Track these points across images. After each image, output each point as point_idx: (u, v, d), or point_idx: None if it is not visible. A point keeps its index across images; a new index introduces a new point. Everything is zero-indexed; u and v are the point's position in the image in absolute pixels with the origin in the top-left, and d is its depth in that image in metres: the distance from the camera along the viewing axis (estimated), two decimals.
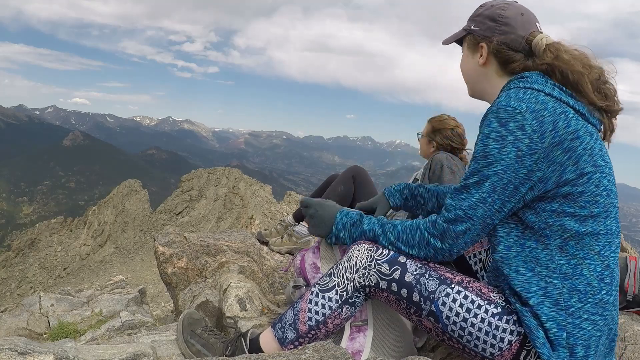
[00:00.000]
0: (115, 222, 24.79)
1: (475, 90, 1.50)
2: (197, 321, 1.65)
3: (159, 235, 2.50)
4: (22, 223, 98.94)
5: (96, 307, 1.83)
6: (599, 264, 1.22)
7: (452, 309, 1.26)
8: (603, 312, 1.21)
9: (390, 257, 1.35)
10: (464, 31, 1.47)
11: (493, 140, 1.21)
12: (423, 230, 1.32)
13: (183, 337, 1.61)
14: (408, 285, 1.31)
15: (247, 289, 1.99)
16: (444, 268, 1.35)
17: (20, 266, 23.45)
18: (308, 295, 1.44)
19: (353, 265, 1.38)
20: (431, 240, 1.31)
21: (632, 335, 1.75)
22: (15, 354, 1.20)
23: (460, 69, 1.52)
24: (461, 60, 1.51)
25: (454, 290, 1.28)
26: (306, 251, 1.75)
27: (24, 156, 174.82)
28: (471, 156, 1.32)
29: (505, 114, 1.21)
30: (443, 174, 2.71)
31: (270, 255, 2.69)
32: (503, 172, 1.21)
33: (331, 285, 1.41)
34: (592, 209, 1.21)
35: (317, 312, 1.41)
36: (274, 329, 1.48)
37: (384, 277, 1.34)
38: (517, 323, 1.23)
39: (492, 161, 1.21)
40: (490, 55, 1.40)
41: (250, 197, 21.79)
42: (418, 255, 1.33)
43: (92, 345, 1.57)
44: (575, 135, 1.19)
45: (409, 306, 1.32)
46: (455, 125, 2.97)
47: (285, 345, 1.45)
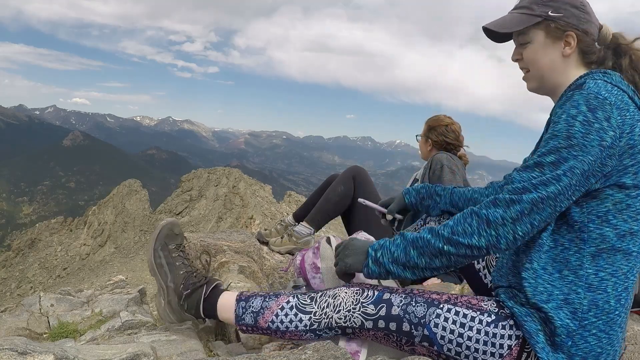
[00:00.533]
0: (115, 222, 24.79)
1: (547, 84, 1.37)
2: (176, 236, 1.63)
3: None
4: (22, 223, 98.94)
5: (96, 307, 1.83)
6: (621, 284, 1.19)
7: (445, 328, 1.24)
8: (609, 331, 1.19)
9: (375, 298, 1.32)
10: (537, 17, 1.31)
11: (580, 123, 1.14)
12: (480, 212, 1.18)
13: (154, 244, 1.59)
14: (396, 318, 1.28)
15: (247, 289, 1.99)
16: (429, 292, 1.32)
17: (20, 266, 23.45)
18: (283, 301, 1.42)
19: (337, 304, 1.35)
20: (491, 218, 1.16)
21: (632, 335, 1.75)
22: (15, 354, 1.20)
23: (531, 60, 1.36)
24: (533, 50, 1.34)
25: (444, 310, 1.25)
26: (306, 251, 1.75)
27: (24, 156, 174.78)
28: (544, 136, 1.23)
29: (595, 101, 1.15)
30: (443, 173, 2.71)
31: (270, 255, 2.69)
32: (583, 158, 1.14)
33: (308, 310, 1.38)
34: (632, 226, 1.18)
35: (282, 322, 1.40)
36: (237, 304, 1.47)
37: (369, 317, 1.31)
38: (514, 327, 1.21)
39: (574, 144, 1.14)
40: (576, 45, 1.31)
41: (250, 197, 21.79)
42: (479, 245, 1.17)
43: (92, 345, 1.57)
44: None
45: (399, 338, 1.29)
46: (450, 123, 2.99)
47: (238, 323, 1.46)
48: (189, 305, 1.53)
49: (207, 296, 1.52)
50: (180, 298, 1.54)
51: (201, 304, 1.51)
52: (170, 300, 1.55)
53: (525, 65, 1.38)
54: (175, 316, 1.56)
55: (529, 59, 1.36)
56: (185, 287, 1.54)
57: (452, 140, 2.94)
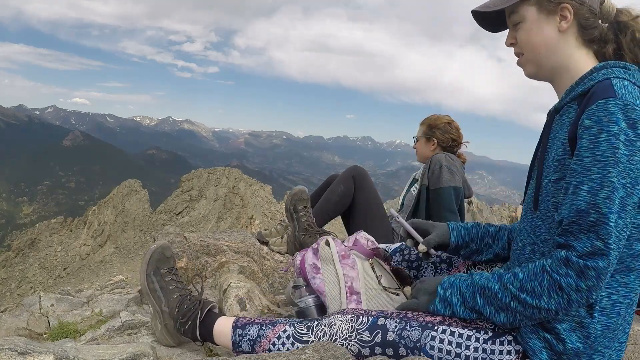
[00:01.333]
0: (115, 222, 24.79)
1: (545, 66, 1.25)
2: (167, 260, 1.62)
3: (159, 235, 2.50)
4: (22, 223, 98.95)
5: (96, 307, 1.83)
6: (631, 309, 1.16)
7: (441, 350, 1.21)
8: (611, 345, 1.16)
9: (370, 324, 1.30)
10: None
11: (622, 144, 1.02)
12: (552, 273, 1.06)
13: (147, 269, 1.58)
14: (392, 344, 1.26)
15: (247, 289, 1.99)
16: (423, 314, 1.28)
17: (20, 266, 23.45)
18: (280, 329, 1.40)
19: (333, 333, 1.32)
20: (564, 284, 1.04)
21: (632, 335, 1.75)
22: (15, 354, 1.20)
23: (525, 41, 1.25)
24: (526, 29, 1.23)
25: (439, 331, 1.22)
26: (306, 251, 1.75)
27: (24, 156, 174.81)
28: (577, 150, 1.07)
29: (634, 114, 1.03)
30: (442, 174, 2.71)
31: (270, 255, 2.69)
32: (632, 187, 1.02)
33: (305, 339, 1.36)
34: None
35: (279, 350, 1.37)
36: (233, 331, 1.45)
37: (365, 344, 1.28)
38: (512, 342, 1.19)
39: (622, 170, 1.01)
40: (573, 19, 1.19)
41: (250, 197, 21.79)
42: (548, 307, 1.07)
43: (92, 345, 1.57)
44: None
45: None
46: (450, 120, 2.97)
47: (235, 350, 1.44)
48: (186, 329, 1.52)
49: (202, 319, 1.51)
50: (176, 322, 1.53)
51: (197, 328, 1.50)
52: (167, 324, 1.55)
53: (519, 49, 1.28)
54: (172, 339, 1.56)
55: (522, 40, 1.25)
56: (180, 310, 1.53)
57: (456, 136, 2.94)
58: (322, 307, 1.66)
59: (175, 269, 1.64)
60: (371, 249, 1.74)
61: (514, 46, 1.30)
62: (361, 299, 1.61)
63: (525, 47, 1.26)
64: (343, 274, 1.64)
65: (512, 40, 1.30)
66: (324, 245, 1.68)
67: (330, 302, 1.64)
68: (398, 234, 2.76)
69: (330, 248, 1.67)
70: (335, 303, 1.61)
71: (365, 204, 2.73)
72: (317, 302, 1.68)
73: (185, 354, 1.56)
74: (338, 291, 1.63)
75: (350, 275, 1.63)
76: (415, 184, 2.98)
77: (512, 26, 1.29)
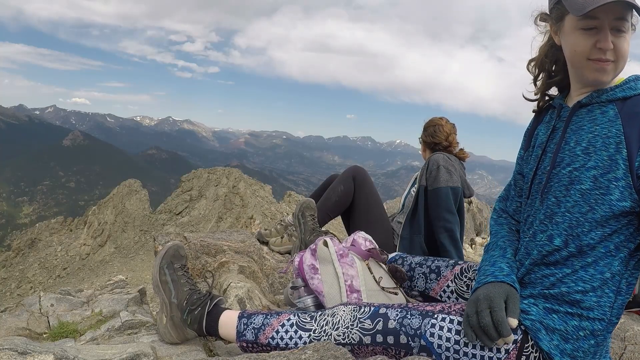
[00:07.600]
0: (115, 222, 24.79)
1: (617, 73, 1.28)
2: (181, 257, 1.67)
3: (159, 235, 2.50)
4: (22, 223, 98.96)
5: (96, 307, 1.83)
6: (620, 300, 1.22)
7: (441, 337, 1.25)
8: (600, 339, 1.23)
9: (371, 313, 1.34)
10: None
11: None
12: None
13: (160, 262, 1.63)
14: (393, 331, 1.30)
15: (247, 289, 1.99)
16: (424, 304, 1.35)
17: (20, 266, 23.44)
18: (284, 318, 1.44)
19: (336, 322, 1.37)
20: None
21: (632, 335, 1.75)
22: (15, 354, 1.20)
23: (623, 50, 1.22)
24: (627, 40, 1.22)
25: (439, 319, 1.27)
26: (304, 252, 1.75)
27: (24, 156, 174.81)
28: None
29: None
30: (440, 174, 2.73)
31: (270, 255, 2.69)
32: None
33: (308, 327, 1.40)
34: None
35: (282, 338, 1.42)
36: (239, 320, 1.50)
37: (367, 332, 1.32)
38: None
39: None
40: None
41: (250, 197, 21.79)
42: None
43: (92, 345, 1.57)
44: None
45: (398, 351, 1.30)
46: (442, 124, 3.00)
47: (239, 339, 1.48)
48: (192, 320, 1.55)
49: (209, 310, 1.55)
50: (184, 312, 1.57)
51: (204, 319, 1.53)
52: (174, 315, 1.58)
53: (614, 56, 1.22)
54: (176, 333, 1.58)
55: (622, 49, 1.22)
56: (189, 302, 1.57)
57: (440, 140, 2.96)
58: (321, 307, 1.67)
59: (187, 267, 1.69)
60: (368, 249, 1.74)
61: (609, 51, 1.22)
62: (361, 296, 1.62)
63: (622, 56, 1.23)
64: (342, 273, 1.64)
65: (612, 46, 1.22)
66: (322, 245, 1.69)
67: (328, 302, 1.64)
68: (398, 234, 2.77)
69: (329, 248, 1.67)
70: (334, 303, 1.61)
71: (365, 204, 2.74)
72: (315, 303, 1.69)
73: (186, 354, 1.56)
74: (337, 290, 1.63)
75: (350, 273, 1.64)
76: (415, 184, 2.99)
77: (614, 31, 1.21)
